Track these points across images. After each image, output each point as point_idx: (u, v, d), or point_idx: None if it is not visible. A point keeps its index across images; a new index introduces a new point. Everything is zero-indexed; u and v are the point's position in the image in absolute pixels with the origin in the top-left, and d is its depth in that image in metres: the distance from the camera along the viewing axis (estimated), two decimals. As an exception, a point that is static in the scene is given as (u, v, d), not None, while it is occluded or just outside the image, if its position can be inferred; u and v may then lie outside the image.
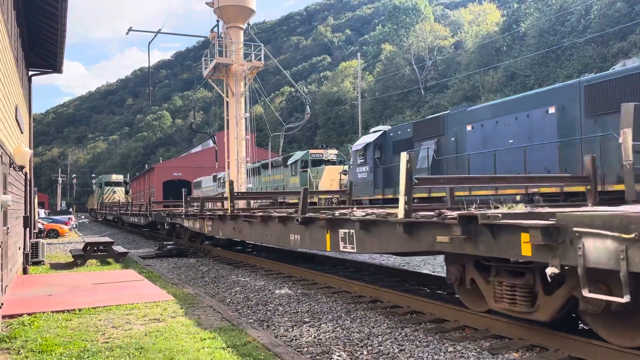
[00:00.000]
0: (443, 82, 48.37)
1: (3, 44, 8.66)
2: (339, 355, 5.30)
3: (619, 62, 13.04)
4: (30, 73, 15.58)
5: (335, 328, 6.39)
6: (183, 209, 15.94)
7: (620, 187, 10.40)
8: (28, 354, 5.21)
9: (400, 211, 5.75)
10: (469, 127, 15.23)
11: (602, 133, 11.24)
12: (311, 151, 29.07)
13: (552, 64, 36.46)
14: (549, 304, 5.03)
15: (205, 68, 26.66)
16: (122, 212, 31.58)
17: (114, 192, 50.50)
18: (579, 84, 12.08)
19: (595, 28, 34.15)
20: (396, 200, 5.89)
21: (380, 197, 17.75)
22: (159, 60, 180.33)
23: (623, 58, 18.40)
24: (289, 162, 29.66)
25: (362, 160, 19.88)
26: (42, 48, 14.46)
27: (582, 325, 5.40)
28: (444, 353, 5.25)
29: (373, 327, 6.34)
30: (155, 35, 27.25)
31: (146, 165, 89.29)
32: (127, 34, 27.63)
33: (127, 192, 53.86)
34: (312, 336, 6.08)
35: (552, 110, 12.63)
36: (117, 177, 54.65)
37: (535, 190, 12.36)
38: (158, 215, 19.92)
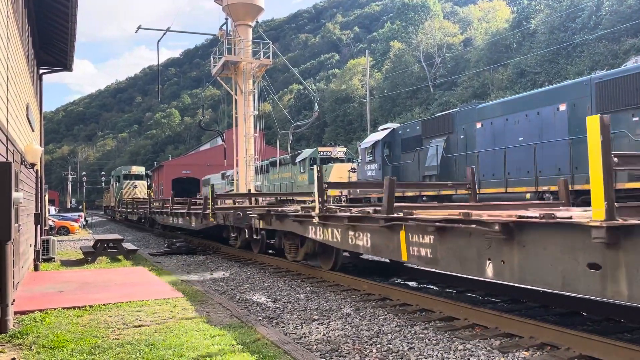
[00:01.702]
0: (452, 79, 48.14)
1: (14, 42, 8.72)
2: (348, 353, 5.30)
3: (631, 59, 12.92)
4: (41, 71, 15.69)
5: (345, 326, 6.39)
6: (314, 203, 8.70)
7: (632, 185, 10.32)
8: (40, 349, 5.26)
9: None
10: (478, 125, 15.16)
11: (613, 131, 11.13)
12: (320, 149, 29.11)
13: (562, 61, 36.15)
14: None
15: (214, 66, 26.72)
16: (155, 210, 23.59)
17: (135, 187, 42.26)
18: (590, 81, 11.98)
19: (607, 24, 33.80)
20: (407, 198, 5.91)
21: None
22: (167, 58, 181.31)
23: (635, 55, 18.21)
24: (298, 159, 29.70)
25: (371, 157, 19.86)
26: (52, 46, 14.54)
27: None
28: (454, 351, 5.23)
29: (382, 325, 6.33)
30: (164, 34, 27.35)
31: (155, 162, 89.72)
32: (136, 32, 27.77)
33: (149, 187, 44.78)
34: (321, 334, 6.08)
35: (562, 107, 12.54)
36: (138, 169, 45.62)
37: (546, 188, 12.28)
38: (235, 216, 12.60)
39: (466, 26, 54.57)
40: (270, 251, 12.95)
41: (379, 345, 5.53)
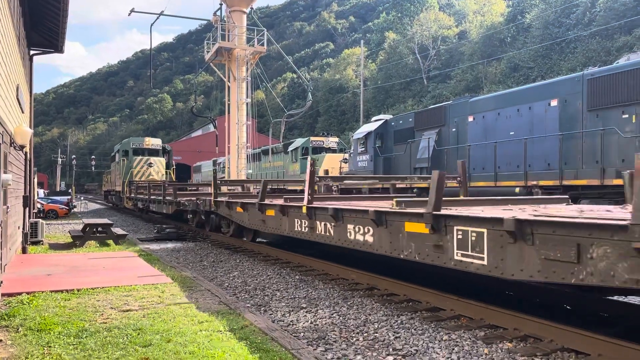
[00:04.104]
0: (446, 72, 48.16)
1: (5, 22, 8.61)
2: (334, 341, 5.35)
3: (623, 56, 12.99)
4: (32, 52, 15.49)
5: (332, 314, 6.44)
6: None
7: (619, 181, 10.43)
8: (27, 332, 5.26)
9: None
10: (470, 118, 15.22)
11: (603, 127, 11.24)
12: (312, 138, 29.12)
13: (555, 57, 36.27)
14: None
15: (208, 52, 26.49)
16: (237, 200, 12.18)
17: (150, 165, 30.76)
18: (582, 78, 12.05)
19: (601, 21, 33.92)
20: (398, 190, 5.85)
21: (380, 186, 17.77)
22: (160, 42, 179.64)
23: (628, 52, 18.31)
24: (290, 148, 29.68)
25: (363, 148, 19.87)
26: (43, 27, 14.35)
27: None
28: (439, 341, 5.31)
29: (369, 314, 6.40)
30: (157, 17, 27.00)
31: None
32: (129, 14, 27.38)
33: (168, 167, 32.77)
34: (309, 322, 6.13)
35: (554, 103, 12.61)
36: (153, 142, 32.78)
37: (534, 182, 12.39)
38: None
39: (461, 19, 54.49)
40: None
41: (365, 334, 5.59)
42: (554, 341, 5.04)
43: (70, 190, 58.60)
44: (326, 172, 24.15)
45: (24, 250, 11.93)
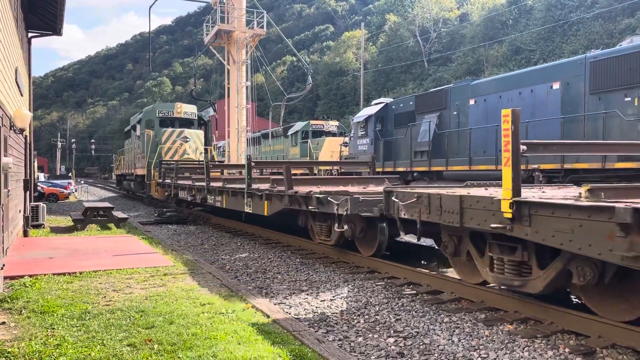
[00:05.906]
0: (447, 54, 47.78)
1: (3, 3, 8.51)
2: (335, 323, 5.39)
3: (626, 39, 12.88)
4: (30, 35, 15.36)
5: (333, 297, 6.47)
6: None
7: (621, 165, 10.42)
8: (30, 314, 5.29)
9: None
10: (471, 101, 15.15)
11: (605, 110, 11.19)
12: (312, 122, 29.05)
13: (558, 39, 35.97)
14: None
15: (207, 34, 26.26)
16: None
17: (186, 140, 22.88)
18: (584, 60, 11.97)
19: (604, 3, 33.58)
20: (396, 174, 5.74)
21: (380, 169, 17.76)
22: (158, 25, 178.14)
23: (630, 35, 18.15)
24: (290, 132, 29.63)
25: (363, 132, 19.82)
26: (41, 9, 14.21)
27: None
28: (440, 323, 5.34)
29: (370, 297, 6.43)
30: (155, 0, 26.72)
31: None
32: (127, -3, 27.07)
33: (207, 143, 25.59)
34: (310, 304, 6.16)
35: (556, 86, 12.54)
36: (186, 109, 24.36)
37: (536, 166, 12.35)
38: None
39: (463, 1, 53.92)
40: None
41: (366, 317, 5.62)
42: (554, 323, 5.07)
43: (70, 174, 58.22)
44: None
45: (25, 234, 11.97)
